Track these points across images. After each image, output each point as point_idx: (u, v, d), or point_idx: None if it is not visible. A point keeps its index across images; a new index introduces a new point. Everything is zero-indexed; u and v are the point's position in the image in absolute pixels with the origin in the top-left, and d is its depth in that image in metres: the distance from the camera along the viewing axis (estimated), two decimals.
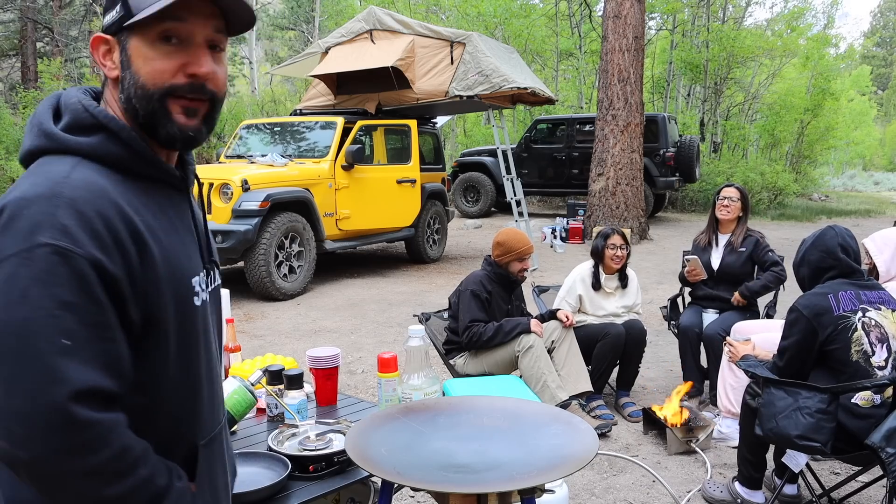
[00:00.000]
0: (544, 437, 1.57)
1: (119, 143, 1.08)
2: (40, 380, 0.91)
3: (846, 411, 2.54)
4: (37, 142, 1.08)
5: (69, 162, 1.04)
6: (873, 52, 51.09)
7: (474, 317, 3.61)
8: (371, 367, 4.76)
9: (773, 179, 17.03)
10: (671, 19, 21.05)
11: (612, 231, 4.12)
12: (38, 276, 0.93)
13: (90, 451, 0.94)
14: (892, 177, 32.69)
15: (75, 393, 0.92)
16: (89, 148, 1.06)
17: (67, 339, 0.93)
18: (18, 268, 0.94)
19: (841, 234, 2.70)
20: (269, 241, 6.63)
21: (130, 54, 1.08)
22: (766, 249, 4.06)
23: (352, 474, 1.71)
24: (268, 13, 27.15)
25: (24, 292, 0.93)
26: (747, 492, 2.88)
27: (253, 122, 8.80)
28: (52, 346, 0.92)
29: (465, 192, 14.14)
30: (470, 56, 8.18)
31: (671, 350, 4.85)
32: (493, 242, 3.82)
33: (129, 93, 1.09)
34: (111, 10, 1.10)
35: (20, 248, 0.94)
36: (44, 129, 1.08)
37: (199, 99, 1.11)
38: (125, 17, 1.07)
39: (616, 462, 3.40)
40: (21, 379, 0.92)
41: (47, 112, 1.10)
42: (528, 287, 4.66)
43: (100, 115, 1.08)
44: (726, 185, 4.23)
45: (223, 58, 1.16)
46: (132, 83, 1.09)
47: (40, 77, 15.97)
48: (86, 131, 1.07)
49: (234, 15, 1.12)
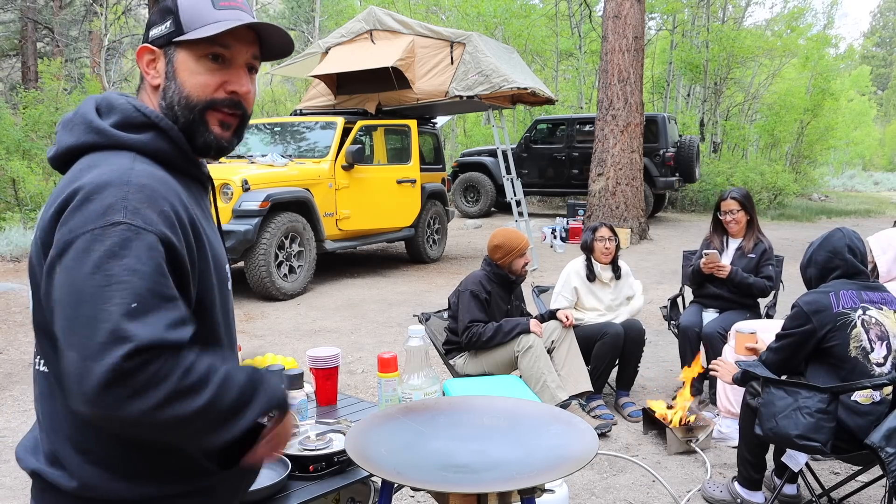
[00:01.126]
0: (544, 437, 1.57)
1: (168, 141, 1.17)
2: (110, 339, 0.96)
3: (846, 408, 2.54)
4: (85, 137, 1.14)
5: (128, 156, 1.12)
6: (873, 53, 51.09)
7: (474, 317, 3.62)
8: (371, 367, 4.76)
9: (773, 179, 17.03)
10: (671, 19, 21.05)
11: (601, 224, 4.17)
12: (110, 248, 1.00)
13: (155, 385, 0.97)
14: (892, 177, 32.68)
15: (134, 348, 0.96)
16: (141, 144, 1.14)
17: (135, 302, 0.99)
18: (92, 243, 1.00)
19: (849, 236, 2.73)
20: (270, 241, 6.63)
21: (177, 67, 1.19)
22: (768, 261, 4.06)
23: (352, 474, 1.72)
24: (268, 13, 27.17)
25: (97, 263, 0.99)
26: (747, 492, 2.88)
27: (253, 123, 8.79)
28: (122, 309, 0.97)
29: (465, 192, 14.14)
30: (470, 56, 8.18)
31: (671, 350, 4.85)
32: (489, 247, 3.80)
33: (171, 101, 1.19)
34: (160, 24, 1.20)
35: (96, 226, 1.01)
36: (94, 125, 1.14)
37: (234, 114, 1.23)
38: (175, 33, 1.18)
39: (616, 462, 3.40)
40: (92, 342, 0.97)
41: (92, 111, 1.17)
42: (527, 287, 4.66)
43: (151, 115, 1.17)
44: (723, 199, 4.13)
45: (255, 78, 1.28)
46: (176, 93, 1.19)
47: (40, 77, 15.95)
48: (137, 129, 1.15)
49: (271, 45, 1.26)
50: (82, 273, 0.99)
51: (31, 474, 1.17)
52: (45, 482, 1.14)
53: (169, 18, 1.19)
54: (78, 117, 1.16)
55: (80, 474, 1.11)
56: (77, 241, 1.01)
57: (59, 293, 1.01)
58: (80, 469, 1.11)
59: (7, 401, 4.21)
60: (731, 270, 3.98)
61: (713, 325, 3.96)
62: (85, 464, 1.11)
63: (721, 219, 4.13)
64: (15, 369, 4.74)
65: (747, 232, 4.12)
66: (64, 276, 1.01)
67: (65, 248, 1.01)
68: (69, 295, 1.00)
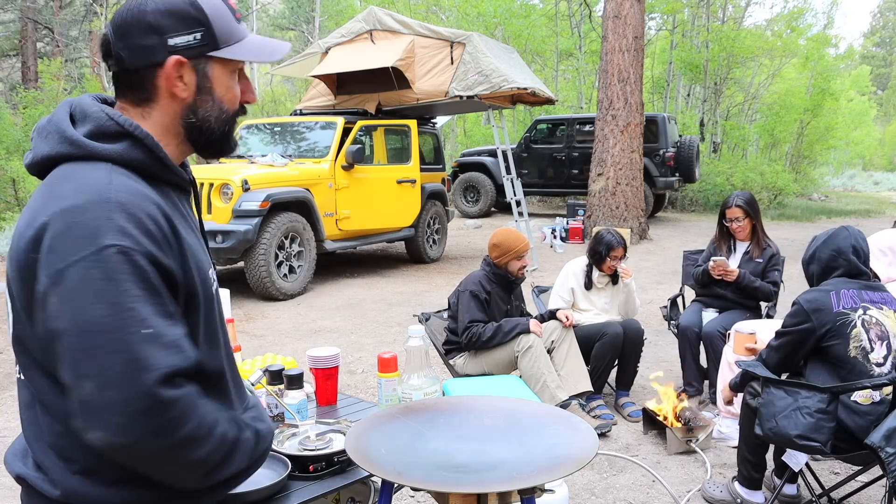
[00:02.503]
0: (544, 437, 1.57)
1: (143, 150, 1.14)
2: (130, 369, 0.99)
3: (845, 408, 2.54)
4: (59, 148, 1.12)
5: (103, 168, 1.10)
6: (873, 53, 51.07)
7: (473, 317, 3.62)
8: (371, 367, 4.77)
9: (773, 179, 17.03)
10: (671, 19, 21.05)
11: (618, 244, 4.01)
12: (108, 275, 1.01)
13: (179, 425, 1.04)
14: (892, 177, 32.66)
15: (163, 376, 1.00)
16: (116, 154, 1.12)
17: (146, 328, 1.01)
18: (89, 270, 1.00)
19: (854, 236, 2.73)
20: (269, 241, 6.63)
21: (214, 82, 1.19)
22: (774, 267, 4.06)
23: (352, 474, 1.71)
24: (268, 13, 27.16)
25: (99, 291, 1.00)
26: (747, 492, 2.88)
27: (253, 123, 8.79)
28: (136, 337, 1.00)
29: (465, 192, 14.14)
30: (470, 56, 8.18)
31: (671, 350, 4.85)
32: (489, 245, 3.82)
33: (208, 115, 1.20)
34: (185, 33, 1.14)
35: (88, 253, 1.01)
36: (67, 135, 1.12)
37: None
38: (209, 47, 1.16)
39: (616, 462, 3.40)
40: (112, 371, 0.99)
41: (66, 119, 1.14)
42: (527, 287, 4.66)
43: (125, 123, 1.14)
44: (728, 207, 4.09)
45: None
46: (215, 107, 1.21)
47: (40, 77, 15.96)
48: (111, 138, 1.13)
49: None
50: (85, 303, 1.00)
51: (16, 479, 1.17)
52: (31, 488, 1.15)
53: (198, 29, 1.15)
54: (52, 125, 1.14)
55: (64, 483, 1.11)
56: (71, 269, 1.01)
57: (63, 324, 1.01)
58: (63, 477, 1.11)
59: (7, 401, 4.21)
60: (739, 274, 3.99)
61: (713, 325, 3.96)
62: (68, 472, 1.11)
63: (727, 226, 4.12)
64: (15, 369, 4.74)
65: (753, 236, 4.12)
66: (66, 307, 1.01)
67: (59, 277, 1.01)
68: (77, 326, 1.00)
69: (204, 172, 6.96)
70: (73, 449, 1.11)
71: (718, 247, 4.20)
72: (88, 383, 0.99)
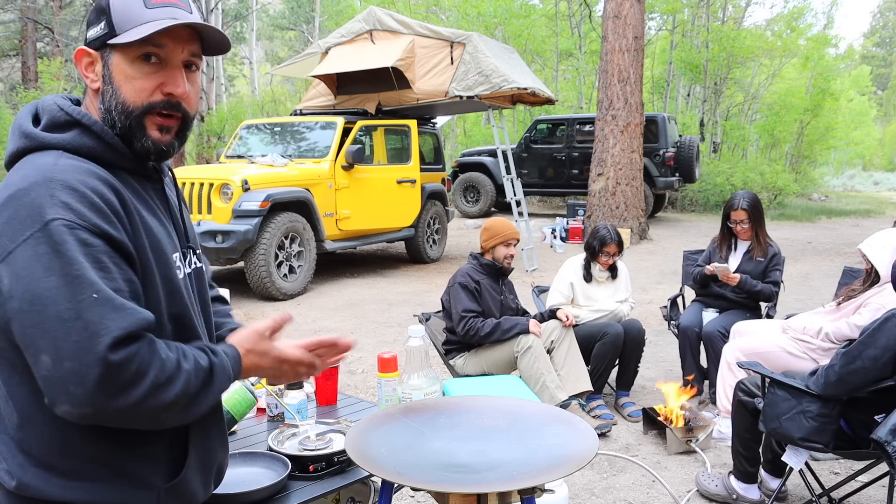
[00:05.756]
0: (544, 436, 1.57)
1: (92, 136, 1.16)
2: (83, 336, 1.00)
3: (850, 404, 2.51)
4: (19, 143, 1.16)
5: (52, 155, 1.12)
6: (873, 53, 51.07)
7: (466, 307, 3.61)
8: (371, 367, 4.76)
9: (773, 179, 17.03)
10: (671, 19, 21.06)
11: (611, 240, 4.03)
12: (55, 248, 1.02)
13: (140, 378, 1.04)
14: (892, 177, 32.68)
15: (114, 340, 1.01)
16: (65, 142, 1.14)
17: (96, 292, 1.02)
18: (36, 246, 1.02)
19: None
20: (269, 241, 6.63)
21: (112, 70, 1.17)
22: (776, 267, 4.06)
23: (352, 474, 1.71)
24: (268, 13, 27.15)
25: (48, 265, 1.02)
26: (742, 486, 2.89)
27: (253, 123, 8.80)
28: (86, 303, 1.01)
29: (465, 192, 14.14)
30: (470, 56, 8.18)
31: (671, 350, 4.85)
32: (480, 231, 3.87)
33: (109, 105, 1.18)
34: (96, 25, 1.17)
35: (34, 230, 1.03)
36: (24, 131, 1.16)
37: (172, 116, 1.20)
38: (108, 35, 1.16)
39: (616, 462, 3.40)
40: (66, 342, 1.00)
41: (27, 117, 1.19)
42: (527, 287, 4.66)
43: (73, 112, 1.16)
44: (733, 209, 4.07)
45: (197, 77, 1.25)
46: (113, 98, 1.17)
47: (40, 77, 15.97)
48: (61, 128, 1.16)
49: (210, 40, 1.22)
50: (37, 277, 1.01)
51: None
52: None
53: (103, 19, 1.16)
54: (15, 124, 1.18)
55: (20, 475, 1.12)
56: (20, 248, 1.03)
57: (17, 303, 1.02)
58: (20, 469, 1.12)
59: None
60: (740, 280, 3.99)
61: (713, 325, 3.96)
62: (26, 464, 1.12)
63: (731, 227, 4.12)
64: None
65: (755, 235, 4.12)
66: (18, 285, 1.02)
67: (10, 258, 1.03)
68: (29, 303, 1.01)
69: (204, 172, 6.97)
70: (32, 442, 1.12)
71: (719, 247, 4.20)
72: (46, 358, 1.00)
